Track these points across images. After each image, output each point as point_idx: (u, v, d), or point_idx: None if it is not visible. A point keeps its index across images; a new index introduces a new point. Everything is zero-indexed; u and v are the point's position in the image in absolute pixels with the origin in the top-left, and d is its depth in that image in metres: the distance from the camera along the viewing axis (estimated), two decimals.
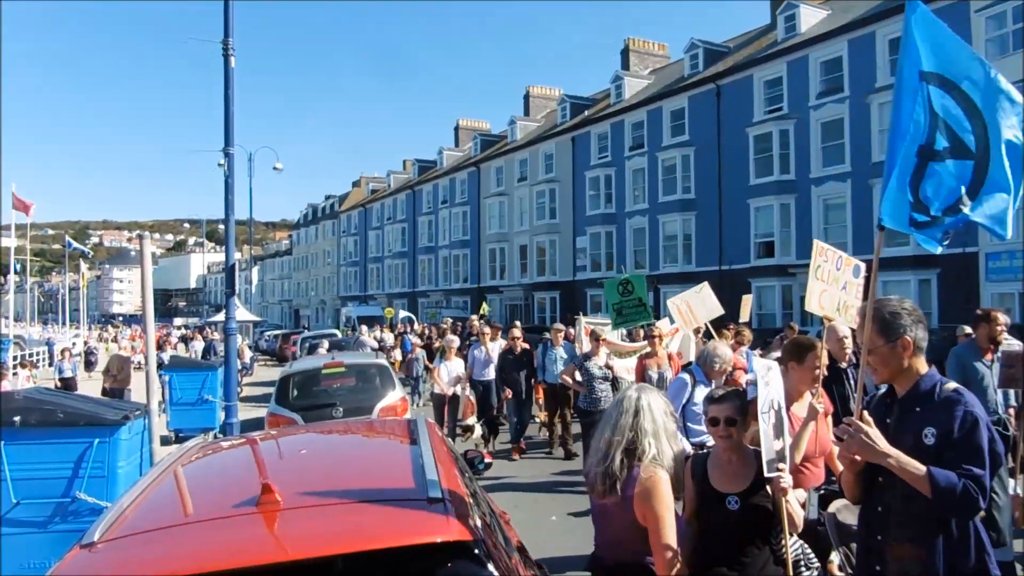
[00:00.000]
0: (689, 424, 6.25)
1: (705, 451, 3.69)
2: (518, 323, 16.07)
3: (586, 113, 43.64)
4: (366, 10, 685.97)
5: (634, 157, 38.20)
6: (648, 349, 9.97)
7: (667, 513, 2.95)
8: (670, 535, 2.94)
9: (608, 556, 3.17)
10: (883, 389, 3.13)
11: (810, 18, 31.61)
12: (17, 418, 5.97)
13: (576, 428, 11.52)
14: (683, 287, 16.80)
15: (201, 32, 15.58)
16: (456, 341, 13.31)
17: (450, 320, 26.08)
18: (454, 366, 12.42)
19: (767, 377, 4.52)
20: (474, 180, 52.43)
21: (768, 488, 3.30)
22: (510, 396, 11.96)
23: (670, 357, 9.86)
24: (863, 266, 4.75)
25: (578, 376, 10.23)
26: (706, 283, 11.13)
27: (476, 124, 62.13)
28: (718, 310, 10.67)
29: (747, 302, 14.14)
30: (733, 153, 32.37)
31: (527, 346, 12.49)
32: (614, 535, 3.12)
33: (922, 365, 2.90)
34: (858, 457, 2.84)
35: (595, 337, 10.80)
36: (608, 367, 10.28)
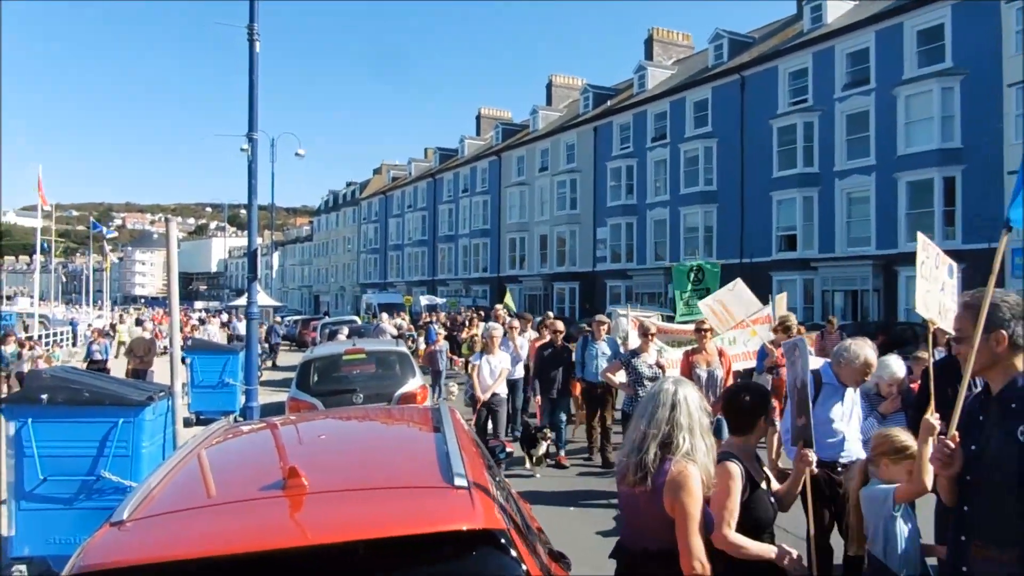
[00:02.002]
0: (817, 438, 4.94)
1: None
2: (550, 313, 15.20)
3: (608, 103, 43.43)
4: None
5: (656, 148, 38.00)
6: (696, 343, 9.02)
7: (695, 507, 2.98)
8: (696, 528, 2.96)
9: (635, 545, 3.20)
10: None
11: (836, 9, 31.22)
12: (44, 396, 6.07)
13: (616, 435, 10.02)
14: None
15: (226, 16, 15.60)
16: (499, 330, 10.92)
17: (474, 308, 25.87)
18: (498, 362, 10.27)
19: (792, 357, 4.58)
20: (495, 169, 52.39)
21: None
22: (540, 402, 10.91)
23: (720, 353, 8.95)
24: (956, 266, 4.49)
25: (622, 376, 9.11)
26: (739, 279, 10.52)
27: (498, 113, 62.04)
28: (756, 304, 10.04)
29: (782, 300, 13.84)
30: (756, 145, 32.11)
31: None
32: (642, 525, 3.14)
33: (1020, 362, 2.79)
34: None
35: (644, 332, 9.34)
36: (659, 366, 9.10)
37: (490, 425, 10.19)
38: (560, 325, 11.11)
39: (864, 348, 4.97)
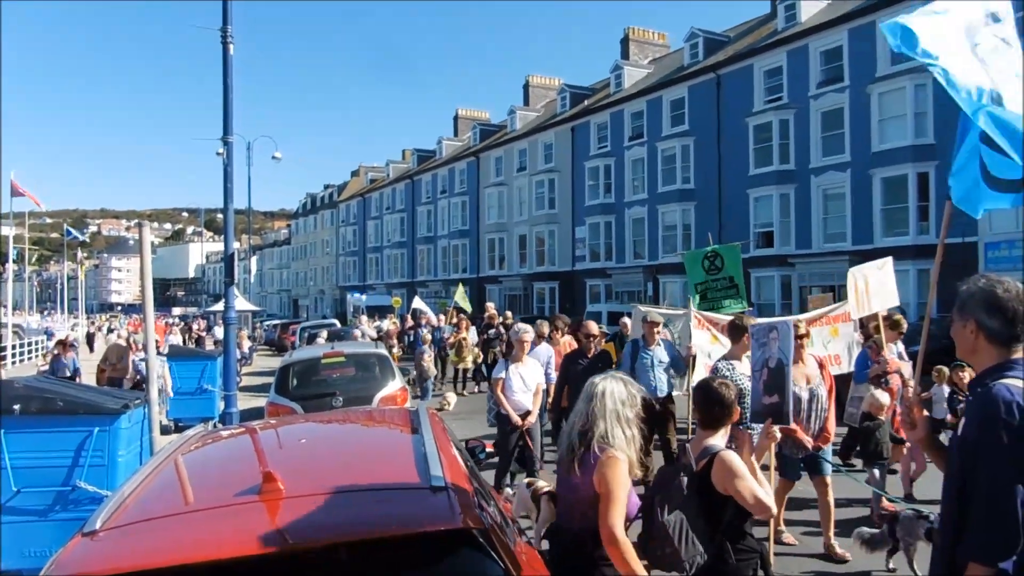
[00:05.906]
0: None
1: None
2: (562, 316, 12.88)
3: (586, 103, 43.52)
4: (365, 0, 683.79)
5: (633, 147, 38.13)
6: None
7: (618, 489, 3.23)
8: (616, 502, 3.20)
9: (570, 525, 3.45)
10: None
11: (810, 7, 31.48)
12: (17, 406, 5.97)
13: None
14: (683, 277, 16.37)
15: (200, 19, 15.52)
16: (529, 333, 8.44)
17: (457, 309, 25.29)
18: (530, 373, 8.15)
19: (765, 339, 5.10)
20: (473, 170, 52.33)
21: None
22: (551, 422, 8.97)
23: (821, 365, 6.59)
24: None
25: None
26: (890, 259, 8.33)
27: (475, 114, 61.95)
28: (894, 300, 8.09)
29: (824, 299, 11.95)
30: (733, 143, 32.31)
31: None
32: (577, 506, 3.39)
33: (992, 353, 2.60)
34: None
35: (740, 331, 6.50)
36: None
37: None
38: (594, 328, 8.92)
39: None
